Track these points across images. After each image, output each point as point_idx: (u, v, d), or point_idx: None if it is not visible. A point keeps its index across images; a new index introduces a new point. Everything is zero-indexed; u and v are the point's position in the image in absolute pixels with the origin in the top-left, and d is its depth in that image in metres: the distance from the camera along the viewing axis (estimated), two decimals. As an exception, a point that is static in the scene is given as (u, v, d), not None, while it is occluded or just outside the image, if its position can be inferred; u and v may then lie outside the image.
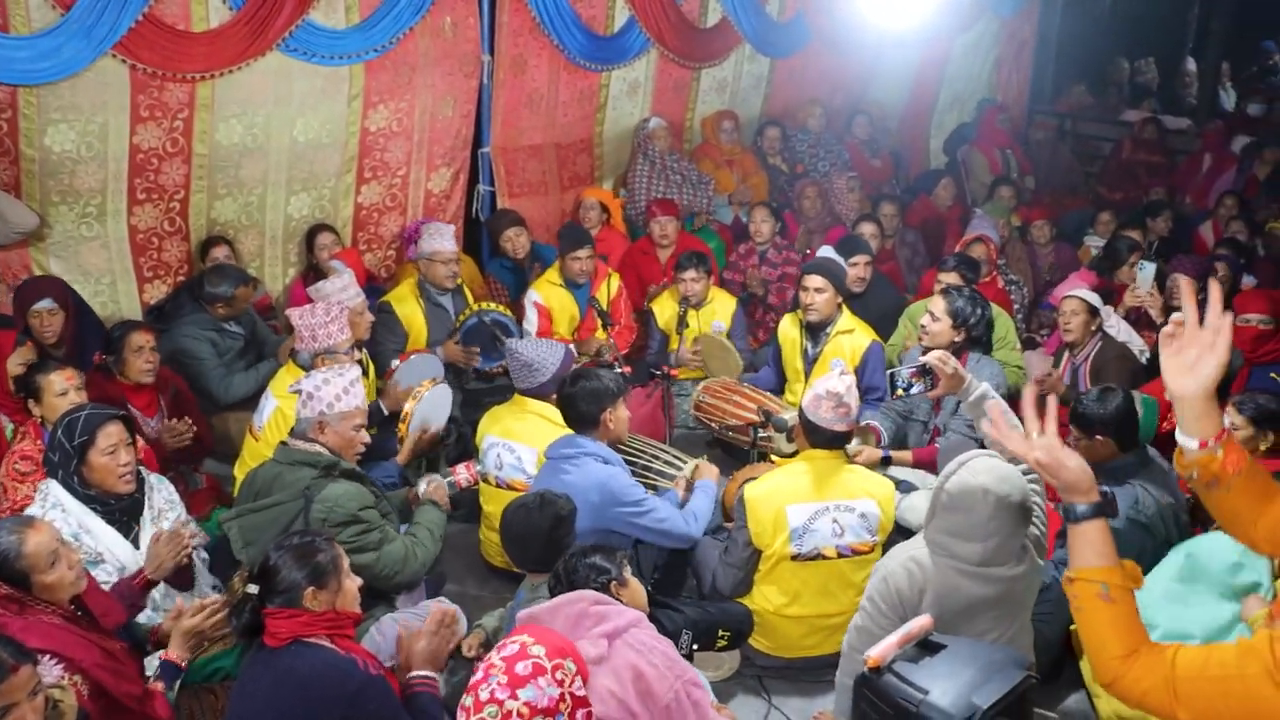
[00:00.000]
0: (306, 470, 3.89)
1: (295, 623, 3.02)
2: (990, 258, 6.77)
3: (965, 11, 10.02)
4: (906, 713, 2.90)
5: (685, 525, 4.21)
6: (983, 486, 3.20)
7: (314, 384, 4.02)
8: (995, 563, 3.28)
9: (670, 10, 7.80)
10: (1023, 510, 3.23)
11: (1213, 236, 8.20)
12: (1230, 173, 9.82)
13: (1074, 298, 5.82)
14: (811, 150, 9.05)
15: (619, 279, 6.66)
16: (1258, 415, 4.50)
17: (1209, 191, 9.60)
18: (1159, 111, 11.65)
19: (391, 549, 3.90)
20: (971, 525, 3.24)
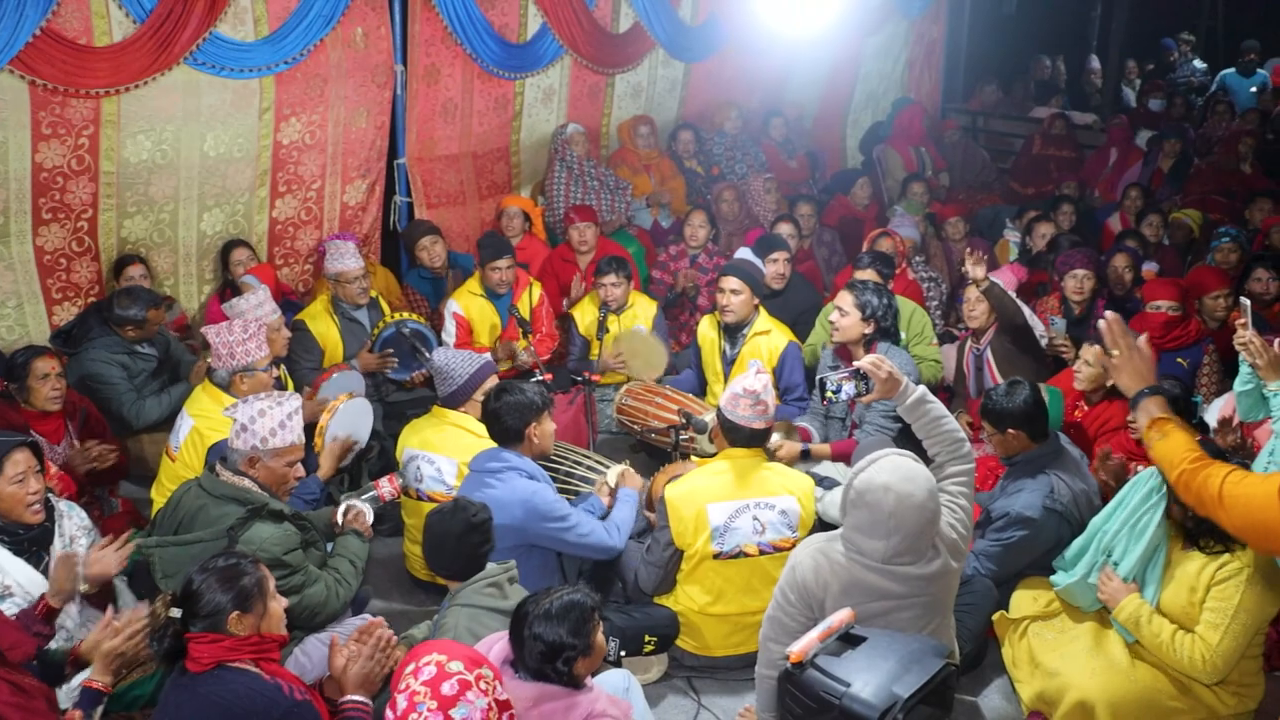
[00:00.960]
0: (233, 507, 3.81)
1: (218, 647, 2.97)
2: (900, 251, 6.88)
3: (874, 13, 10.21)
4: (829, 705, 2.95)
5: (608, 538, 4.22)
6: (884, 484, 3.26)
7: (249, 414, 3.90)
8: (900, 560, 3.33)
9: (583, 16, 7.81)
10: (928, 509, 3.27)
11: (1120, 227, 8.41)
12: (1136, 166, 10.09)
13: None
14: (728, 153, 9.12)
15: (540, 287, 6.65)
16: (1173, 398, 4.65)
17: (1116, 184, 9.84)
18: (1067, 108, 11.93)
19: (313, 591, 3.84)
20: (874, 522, 3.29)
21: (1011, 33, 13.18)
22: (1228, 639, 3.58)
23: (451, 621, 3.51)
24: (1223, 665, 3.59)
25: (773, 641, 3.53)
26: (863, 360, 3.75)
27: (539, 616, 3.07)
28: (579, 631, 3.07)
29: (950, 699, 3.19)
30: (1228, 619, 3.59)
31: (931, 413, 3.61)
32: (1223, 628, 3.59)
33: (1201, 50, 14.95)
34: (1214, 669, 3.60)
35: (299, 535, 3.86)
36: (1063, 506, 4.30)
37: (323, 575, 3.94)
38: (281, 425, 3.91)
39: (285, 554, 3.73)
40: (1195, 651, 3.61)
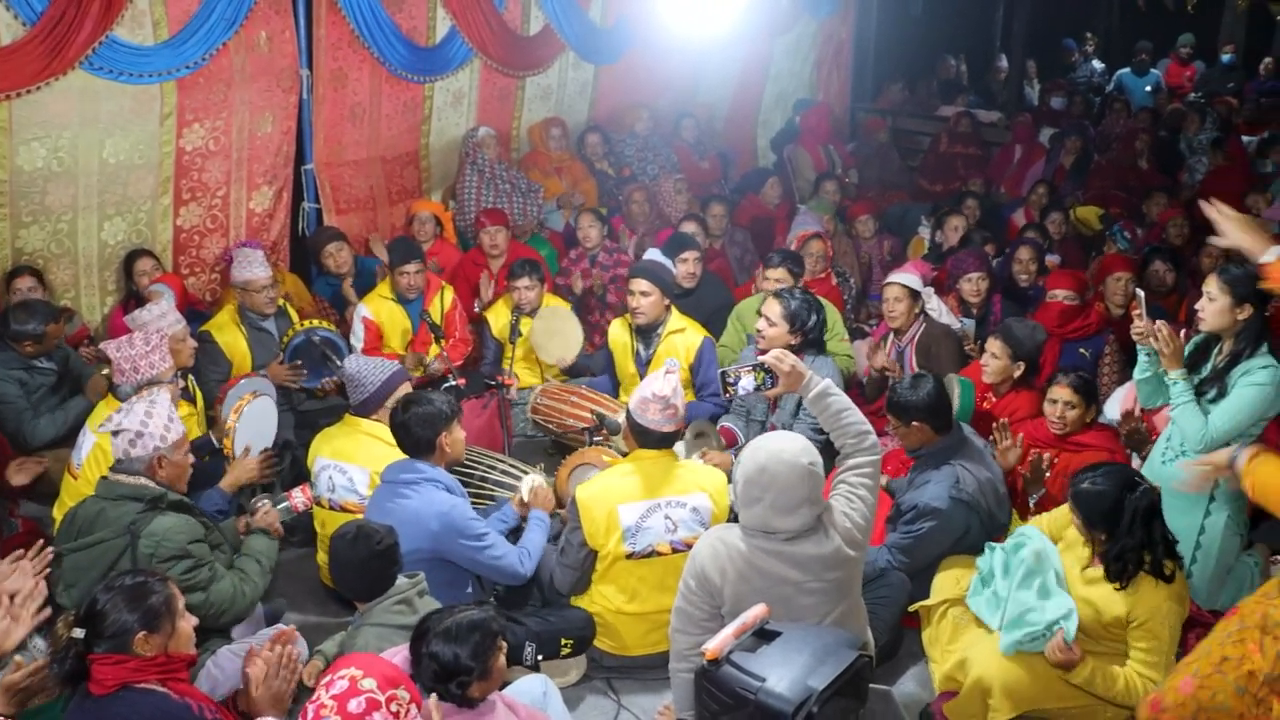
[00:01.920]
0: (131, 505, 3.75)
1: (123, 669, 2.90)
2: (827, 254, 6.97)
3: (783, 14, 10.34)
4: (745, 701, 2.98)
5: (518, 565, 4.19)
6: (758, 445, 3.39)
7: (138, 420, 3.84)
8: (779, 528, 3.36)
9: (492, 19, 7.78)
10: (799, 466, 3.30)
11: (1025, 221, 8.60)
12: (1039, 163, 10.33)
13: (895, 284, 6.01)
14: (639, 154, 9.15)
15: (452, 292, 6.61)
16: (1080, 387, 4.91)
17: (1021, 180, 10.06)
18: (973, 107, 12.17)
19: (221, 586, 3.79)
20: (748, 484, 3.36)
21: (918, 33, 13.40)
22: (1166, 666, 3.67)
23: (361, 642, 3.48)
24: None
25: (680, 633, 3.56)
26: (767, 355, 3.77)
27: (439, 634, 3.03)
28: (478, 654, 3.03)
29: (865, 690, 3.24)
30: (1164, 655, 3.69)
31: (834, 406, 3.64)
32: (1161, 665, 3.67)
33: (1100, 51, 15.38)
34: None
35: (203, 526, 3.81)
36: (969, 496, 4.39)
37: (229, 574, 3.89)
38: (170, 418, 3.92)
39: (190, 543, 3.68)
40: (1144, 689, 3.64)
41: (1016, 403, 5.36)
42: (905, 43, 12.97)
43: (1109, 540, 3.76)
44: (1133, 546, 3.70)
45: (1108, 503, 3.73)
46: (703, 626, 3.49)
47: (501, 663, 3.14)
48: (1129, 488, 3.75)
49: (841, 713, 3.07)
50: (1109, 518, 3.73)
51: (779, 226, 8.45)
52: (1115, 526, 3.72)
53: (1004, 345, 5.35)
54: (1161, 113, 11.35)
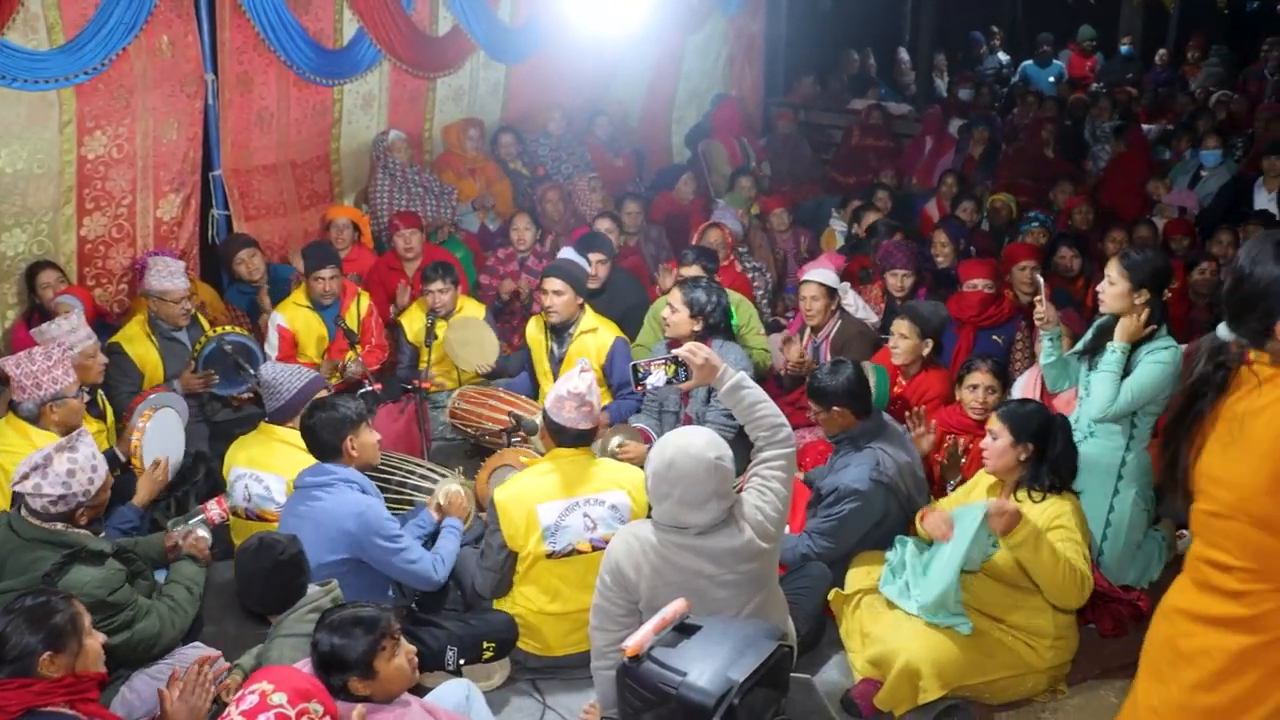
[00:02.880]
0: (47, 551, 3.60)
1: (27, 693, 2.82)
2: (727, 243, 7.02)
3: (694, 11, 10.40)
4: (667, 696, 2.98)
5: (432, 571, 4.16)
6: (665, 442, 3.41)
7: (58, 484, 3.62)
8: (690, 523, 3.38)
9: (400, 20, 7.70)
10: (705, 459, 3.33)
11: (937, 213, 8.74)
12: (949, 154, 10.51)
13: (812, 282, 6.08)
14: (553, 153, 9.13)
15: (368, 297, 6.54)
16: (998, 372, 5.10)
17: (932, 171, 10.21)
18: (883, 99, 12.34)
19: (145, 625, 3.69)
20: (657, 480, 3.38)
21: (828, 27, 13.56)
22: (1082, 555, 3.87)
23: (275, 654, 3.42)
24: (1090, 587, 3.87)
25: (598, 630, 3.57)
26: (681, 348, 3.77)
27: (326, 625, 3.06)
28: (359, 650, 3.03)
29: (785, 679, 3.27)
30: (1079, 545, 3.88)
31: (748, 399, 3.64)
32: (1080, 553, 3.86)
33: (1005, 43, 15.71)
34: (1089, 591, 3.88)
35: (123, 571, 3.70)
36: (888, 478, 4.46)
37: (155, 605, 3.79)
38: (94, 469, 3.74)
39: (110, 595, 3.58)
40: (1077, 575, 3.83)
41: (927, 382, 5.50)
42: (815, 37, 13.11)
43: (1035, 453, 4.05)
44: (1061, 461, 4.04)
45: (1038, 421, 4.08)
46: (620, 623, 3.50)
47: (395, 664, 3.13)
48: (1051, 413, 4.17)
49: (764, 703, 3.09)
50: (1039, 433, 4.04)
51: (694, 222, 8.48)
52: (1044, 441, 4.04)
53: (911, 324, 5.49)
54: (1065, 103, 11.61)
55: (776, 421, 3.63)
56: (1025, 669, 4.00)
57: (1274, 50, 12.01)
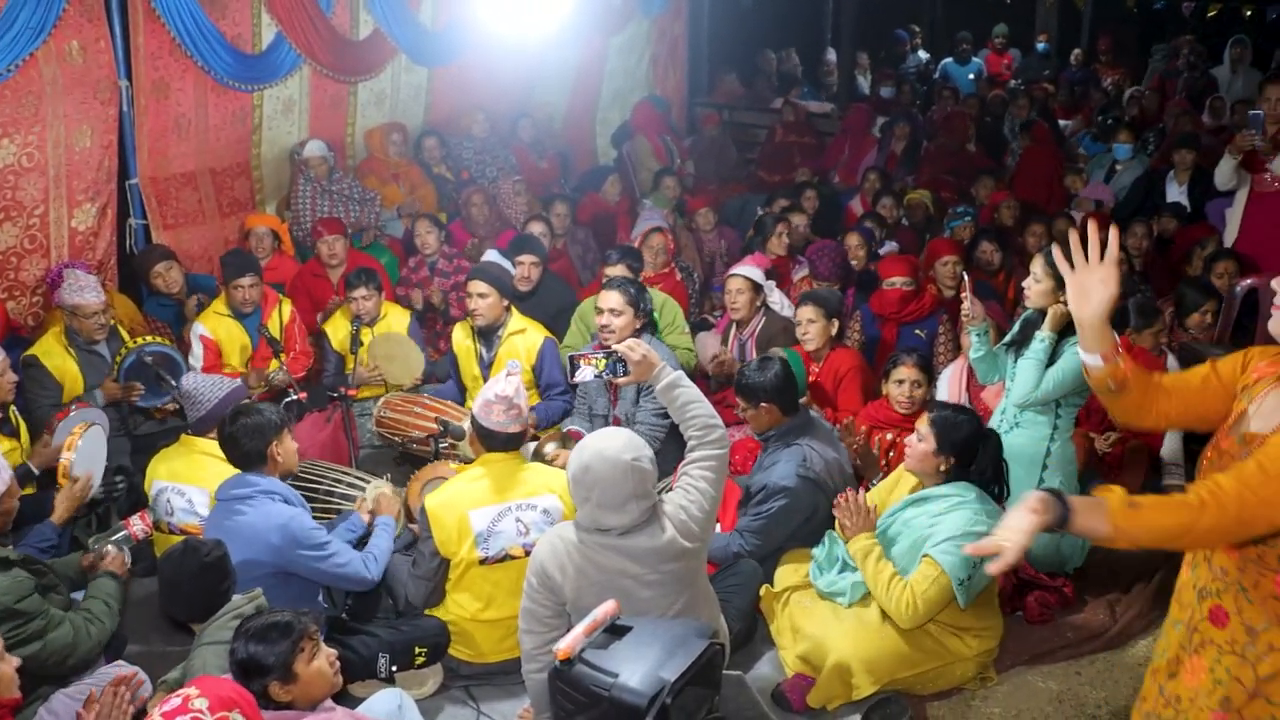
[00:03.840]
0: None
1: (-65, 723, 2.75)
2: (669, 247, 7.04)
3: (616, 13, 10.41)
4: (599, 698, 2.97)
5: (365, 570, 4.12)
6: (583, 445, 3.41)
7: None
8: (611, 525, 3.40)
9: (320, 24, 7.61)
10: (622, 461, 3.34)
11: (861, 210, 8.83)
12: (872, 151, 10.64)
13: (738, 276, 6.13)
14: (478, 157, 9.09)
15: (290, 305, 6.45)
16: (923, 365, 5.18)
17: (856, 169, 10.33)
18: (806, 98, 12.46)
19: (57, 635, 3.59)
20: (578, 484, 3.40)
21: (750, 27, 13.66)
22: (934, 589, 3.88)
23: (199, 663, 3.36)
24: (923, 611, 3.90)
25: (528, 633, 3.57)
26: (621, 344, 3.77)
27: (242, 633, 3.05)
28: (275, 653, 3.02)
29: (718, 677, 3.27)
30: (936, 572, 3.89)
31: (682, 397, 3.66)
32: (931, 579, 3.89)
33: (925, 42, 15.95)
34: (914, 614, 3.90)
35: (32, 580, 3.61)
36: (816, 474, 4.49)
37: (69, 616, 3.69)
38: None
39: (18, 602, 3.49)
40: (903, 597, 3.90)
41: (839, 360, 5.65)
42: (738, 38, 13.21)
43: (956, 466, 4.06)
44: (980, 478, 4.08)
45: (965, 434, 4.05)
46: (549, 625, 3.50)
47: (315, 667, 3.11)
48: (982, 427, 4.17)
49: (696, 701, 3.10)
50: (963, 447, 4.05)
51: (620, 223, 8.50)
52: (967, 456, 4.06)
53: (815, 308, 5.62)
54: (985, 99, 11.81)
55: (710, 421, 3.64)
56: (953, 658, 4.06)
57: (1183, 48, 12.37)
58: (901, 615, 3.92)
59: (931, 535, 3.96)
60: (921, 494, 4.13)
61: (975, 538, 3.80)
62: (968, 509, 3.97)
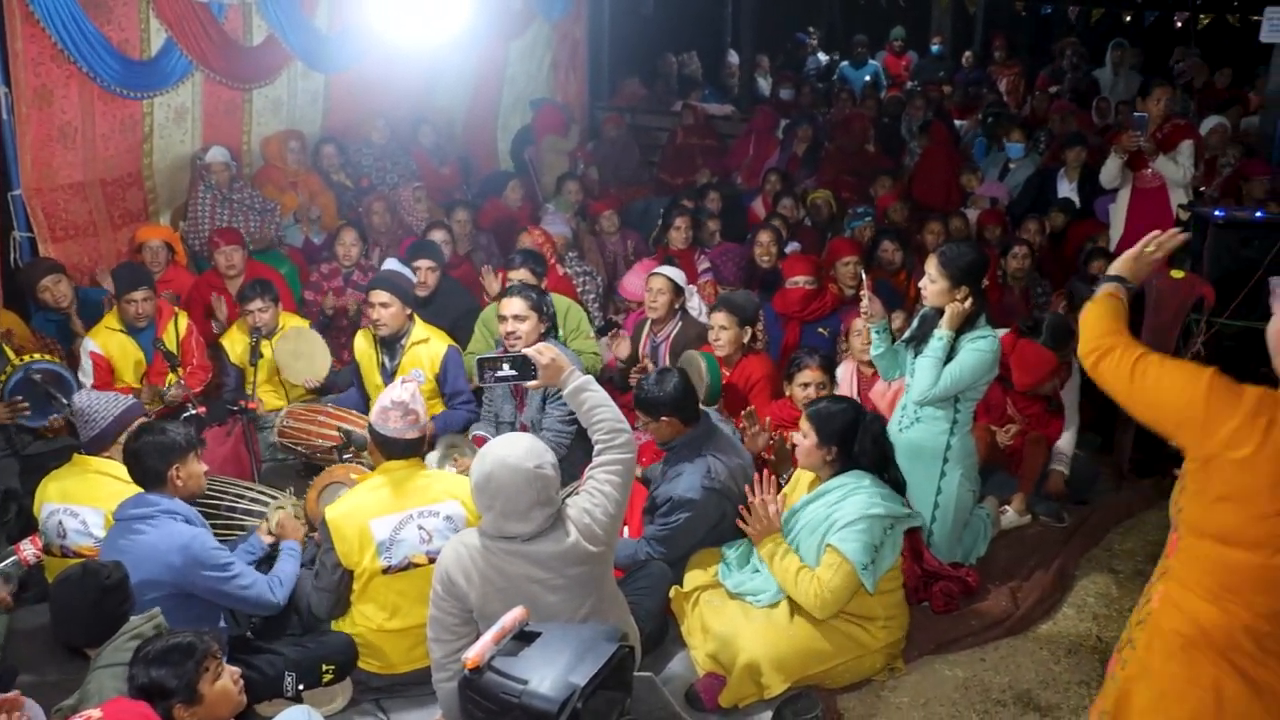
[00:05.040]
0: None
1: None
2: (538, 244, 7.00)
3: (516, 17, 10.39)
4: (509, 706, 2.94)
5: (270, 594, 4.03)
6: (485, 453, 3.39)
7: None
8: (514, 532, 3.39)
9: (211, 29, 7.45)
10: (523, 470, 3.33)
11: (764, 210, 8.92)
12: (775, 152, 10.75)
13: (660, 276, 6.14)
14: (378, 163, 8.98)
15: (186, 317, 6.29)
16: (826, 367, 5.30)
17: (758, 170, 10.42)
18: (708, 101, 12.55)
19: None
20: (480, 491, 3.38)
21: (651, 31, 13.72)
22: (839, 577, 3.94)
23: (95, 687, 3.25)
24: (832, 600, 3.96)
25: (436, 642, 3.53)
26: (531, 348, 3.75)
27: (140, 658, 3.00)
28: (178, 675, 2.98)
29: (628, 680, 3.26)
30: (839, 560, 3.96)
31: (590, 401, 3.66)
32: (835, 566, 3.96)
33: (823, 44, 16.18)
34: (824, 604, 3.97)
35: None
36: (721, 484, 4.51)
37: None
38: None
39: None
40: (811, 588, 3.97)
41: (750, 366, 5.67)
42: (639, 41, 13.26)
43: (841, 455, 4.15)
44: (865, 460, 4.13)
45: (842, 421, 4.14)
46: (457, 633, 3.47)
47: (220, 687, 3.06)
48: (861, 412, 4.22)
49: (608, 705, 3.08)
50: (842, 434, 4.13)
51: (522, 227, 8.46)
52: (848, 443, 4.14)
53: (729, 315, 5.65)
54: (883, 100, 12.00)
55: (616, 425, 3.65)
56: (861, 651, 4.12)
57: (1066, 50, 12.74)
58: (812, 606, 3.97)
59: (831, 524, 4.02)
60: (818, 489, 4.19)
61: (873, 520, 3.96)
62: (862, 494, 4.06)
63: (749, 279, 6.98)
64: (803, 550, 4.13)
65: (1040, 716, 4.09)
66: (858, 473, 4.14)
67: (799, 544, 4.16)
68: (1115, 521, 5.57)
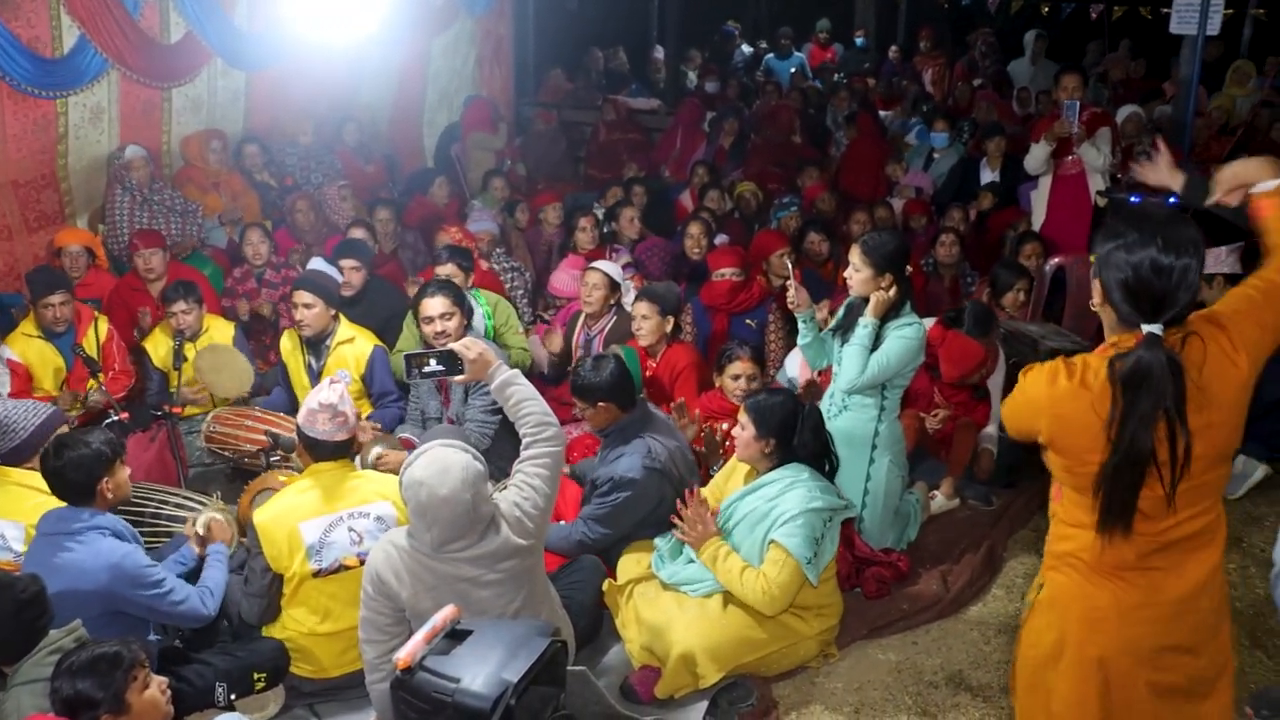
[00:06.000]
0: None
1: None
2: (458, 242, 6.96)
3: (439, 13, 10.33)
4: (442, 705, 2.93)
5: (201, 606, 3.94)
6: (419, 480, 3.34)
7: None
8: (451, 548, 3.41)
9: (127, 27, 7.29)
10: (460, 502, 3.34)
11: (692, 204, 8.95)
12: (702, 145, 10.79)
13: (597, 270, 6.14)
14: (302, 163, 8.87)
15: (107, 322, 6.16)
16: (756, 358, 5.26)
17: (686, 164, 10.45)
18: (635, 94, 12.57)
19: None
20: (417, 514, 3.38)
21: (576, 26, 13.72)
22: (785, 573, 3.97)
23: (12, 704, 3.17)
24: (780, 596, 3.98)
25: (368, 643, 3.52)
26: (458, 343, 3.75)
27: (64, 669, 2.94)
28: (105, 685, 2.94)
29: (562, 675, 3.26)
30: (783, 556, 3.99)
31: (516, 395, 3.67)
32: (780, 563, 3.98)
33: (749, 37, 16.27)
34: (772, 600, 3.98)
35: None
36: (661, 464, 4.53)
37: None
38: None
39: None
40: (758, 585, 3.99)
41: (675, 356, 5.69)
42: (564, 37, 13.25)
43: (780, 447, 4.17)
44: (804, 451, 4.17)
45: (781, 413, 4.16)
46: (389, 633, 3.46)
47: (148, 697, 3.02)
48: (800, 405, 4.25)
49: (541, 701, 3.08)
50: (781, 426, 4.16)
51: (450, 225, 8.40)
52: (787, 435, 4.17)
53: (650, 304, 5.66)
54: (807, 92, 12.09)
55: (544, 419, 3.67)
56: (796, 639, 4.15)
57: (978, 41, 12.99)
58: (760, 604, 3.99)
59: (773, 519, 4.05)
60: (756, 481, 4.22)
61: (814, 514, 3.98)
62: (802, 487, 4.08)
63: (676, 271, 7.00)
64: (742, 544, 4.15)
65: (972, 696, 4.15)
66: (796, 465, 4.17)
67: (737, 538, 4.18)
68: (1042, 503, 5.65)
